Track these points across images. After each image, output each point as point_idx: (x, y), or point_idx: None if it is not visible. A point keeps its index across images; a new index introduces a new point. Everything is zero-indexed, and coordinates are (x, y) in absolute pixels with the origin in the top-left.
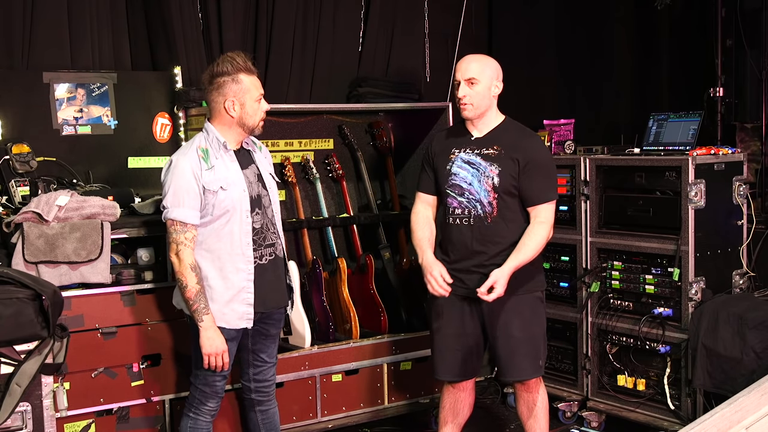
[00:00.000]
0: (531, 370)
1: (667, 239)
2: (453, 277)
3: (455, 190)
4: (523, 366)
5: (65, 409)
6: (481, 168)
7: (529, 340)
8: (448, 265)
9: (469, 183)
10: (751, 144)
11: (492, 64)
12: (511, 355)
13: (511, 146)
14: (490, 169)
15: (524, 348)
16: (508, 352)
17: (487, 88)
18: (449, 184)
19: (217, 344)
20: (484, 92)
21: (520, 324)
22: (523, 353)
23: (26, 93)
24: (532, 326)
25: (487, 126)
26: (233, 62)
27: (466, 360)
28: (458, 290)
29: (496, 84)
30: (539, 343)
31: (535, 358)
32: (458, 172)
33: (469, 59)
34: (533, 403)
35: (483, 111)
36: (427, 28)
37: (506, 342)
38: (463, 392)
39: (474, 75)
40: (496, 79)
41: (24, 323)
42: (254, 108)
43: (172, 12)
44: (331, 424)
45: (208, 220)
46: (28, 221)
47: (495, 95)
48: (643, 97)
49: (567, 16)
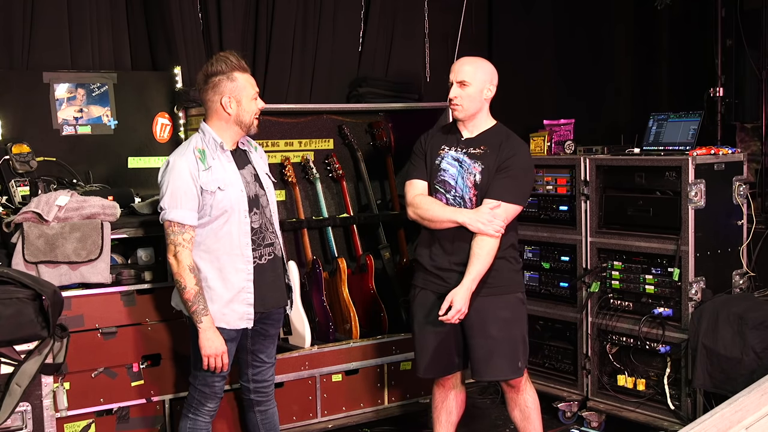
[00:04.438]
0: (508, 371)
1: (667, 239)
2: (434, 275)
3: (444, 187)
4: (500, 366)
5: (65, 409)
6: (465, 165)
7: (508, 341)
8: (430, 262)
9: (455, 180)
10: (751, 144)
11: (486, 67)
12: (488, 356)
13: (496, 147)
14: (474, 167)
15: (502, 349)
16: (485, 353)
17: (479, 91)
18: (438, 179)
19: (217, 345)
20: (475, 95)
21: (498, 324)
22: (500, 354)
23: (26, 93)
24: (511, 327)
25: (477, 128)
26: (227, 61)
27: (444, 356)
28: (438, 288)
29: (488, 88)
30: (518, 344)
31: (512, 359)
32: (447, 168)
33: (463, 61)
34: (524, 404)
35: (473, 113)
36: (427, 28)
37: (483, 342)
38: (452, 390)
39: (466, 78)
40: (489, 83)
41: (24, 323)
42: (250, 105)
43: (172, 12)
44: (331, 424)
45: (206, 221)
46: (28, 221)
47: (487, 98)
48: (643, 97)
49: (567, 16)
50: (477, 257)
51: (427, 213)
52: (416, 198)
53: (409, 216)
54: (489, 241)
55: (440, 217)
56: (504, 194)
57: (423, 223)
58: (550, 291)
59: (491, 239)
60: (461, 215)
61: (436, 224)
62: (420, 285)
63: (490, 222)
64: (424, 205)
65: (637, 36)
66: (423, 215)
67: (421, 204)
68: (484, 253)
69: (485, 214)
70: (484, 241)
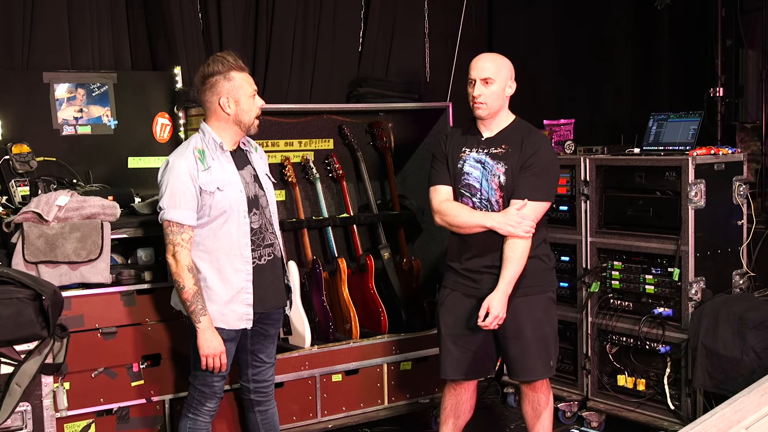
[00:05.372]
0: (543, 371)
1: (667, 239)
2: (464, 277)
3: (469, 191)
4: (535, 366)
5: (65, 409)
6: (488, 166)
7: (541, 341)
8: (460, 265)
9: (480, 183)
10: (751, 144)
11: (507, 63)
12: (523, 356)
13: (518, 145)
14: (497, 168)
15: (536, 348)
16: (520, 353)
17: (502, 88)
18: (462, 184)
19: (215, 345)
20: (499, 92)
21: (532, 324)
22: (534, 354)
23: (26, 93)
24: (544, 326)
25: (497, 126)
26: (224, 61)
27: (474, 360)
28: (469, 290)
29: (510, 84)
30: (550, 343)
31: (546, 358)
32: (471, 171)
33: (485, 58)
34: (538, 403)
35: (496, 111)
36: (427, 28)
37: (518, 342)
38: (465, 394)
39: (490, 75)
40: (510, 79)
41: (24, 323)
42: (249, 104)
43: (172, 12)
44: (331, 424)
45: (205, 221)
46: (28, 221)
47: (508, 95)
48: (643, 97)
49: (567, 16)
50: (510, 261)
51: (455, 219)
52: (442, 204)
53: (437, 223)
54: (521, 243)
55: (468, 223)
56: (531, 192)
57: (452, 230)
58: None
59: (523, 241)
60: (490, 219)
61: (464, 230)
62: (450, 287)
63: (519, 224)
64: (452, 211)
65: (637, 36)
66: (451, 222)
67: (448, 210)
68: (517, 255)
69: (513, 216)
70: (516, 243)
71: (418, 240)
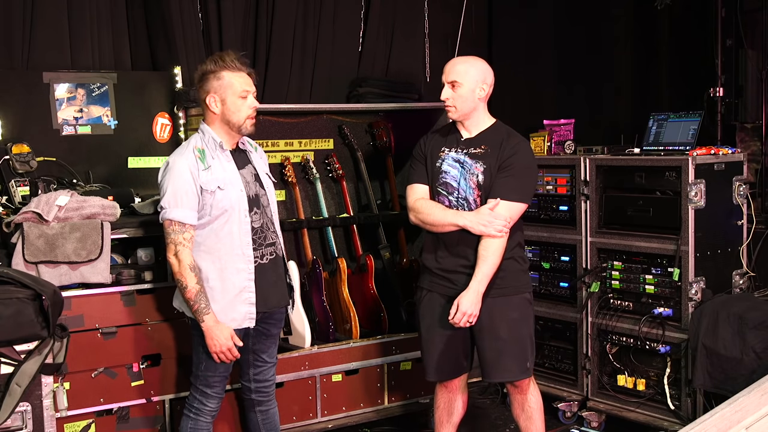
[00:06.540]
0: (517, 372)
1: (667, 239)
2: (441, 277)
3: (446, 189)
4: (510, 367)
5: (65, 409)
6: (467, 166)
7: (516, 342)
8: (436, 265)
9: (458, 181)
10: (751, 144)
11: (478, 66)
12: (498, 357)
13: (497, 146)
14: (475, 167)
15: (511, 349)
16: (494, 354)
17: (471, 90)
18: (439, 182)
19: (222, 341)
20: (467, 95)
21: (507, 325)
22: (509, 355)
23: (26, 93)
24: (520, 328)
25: (476, 128)
26: (218, 60)
27: (453, 359)
28: (446, 290)
29: (482, 87)
30: (526, 344)
31: (522, 359)
32: (448, 170)
33: (455, 61)
34: (527, 404)
35: (467, 113)
36: (427, 29)
37: (493, 343)
38: (455, 392)
39: (456, 78)
40: (482, 82)
41: (24, 323)
42: (236, 104)
43: (172, 12)
44: (331, 424)
45: (206, 221)
46: (28, 221)
47: (481, 98)
48: (643, 97)
49: (567, 16)
50: (483, 259)
51: (428, 217)
52: (417, 202)
53: (411, 221)
54: (494, 242)
55: (441, 221)
56: (507, 193)
57: (425, 228)
58: (550, 291)
59: (496, 240)
60: (462, 218)
61: (438, 228)
62: (426, 287)
63: (491, 223)
64: (425, 209)
65: (636, 36)
66: (424, 219)
67: (422, 208)
68: (489, 254)
69: (485, 215)
70: (489, 242)
71: (418, 240)
